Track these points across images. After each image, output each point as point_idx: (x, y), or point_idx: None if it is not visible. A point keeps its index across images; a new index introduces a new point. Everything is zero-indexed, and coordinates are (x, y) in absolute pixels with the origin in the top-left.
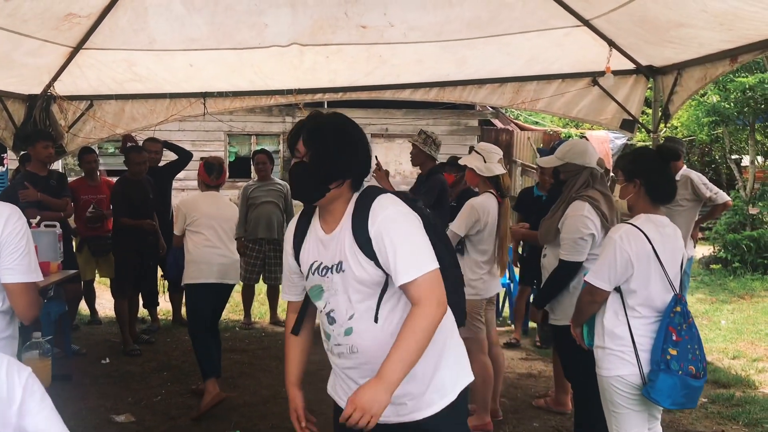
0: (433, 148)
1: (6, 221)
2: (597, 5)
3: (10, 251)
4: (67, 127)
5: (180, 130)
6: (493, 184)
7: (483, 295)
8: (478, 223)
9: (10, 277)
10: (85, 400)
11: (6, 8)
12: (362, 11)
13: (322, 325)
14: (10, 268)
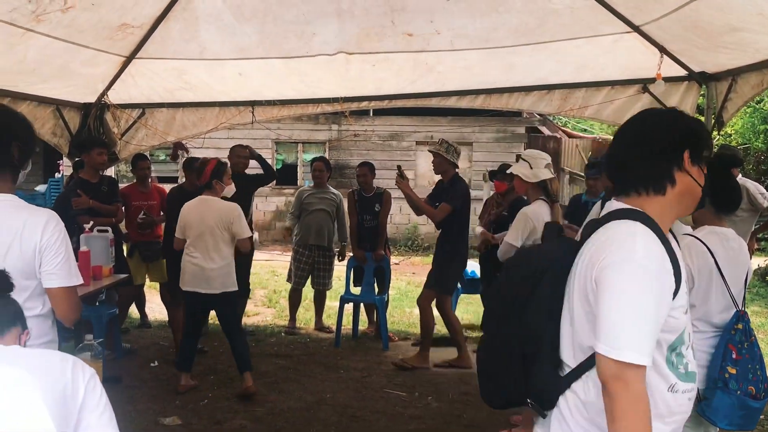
0: (455, 156)
1: (45, 227)
2: (647, 11)
3: (51, 257)
4: (119, 135)
5: (228, 138)
6: (542, 190)
7: None
8: (534, 232)
9: (52, 282)
10: (134, 402)
11: (64, 20)
12: (409, 19)
13: (671, 369)
14: (52, 273)
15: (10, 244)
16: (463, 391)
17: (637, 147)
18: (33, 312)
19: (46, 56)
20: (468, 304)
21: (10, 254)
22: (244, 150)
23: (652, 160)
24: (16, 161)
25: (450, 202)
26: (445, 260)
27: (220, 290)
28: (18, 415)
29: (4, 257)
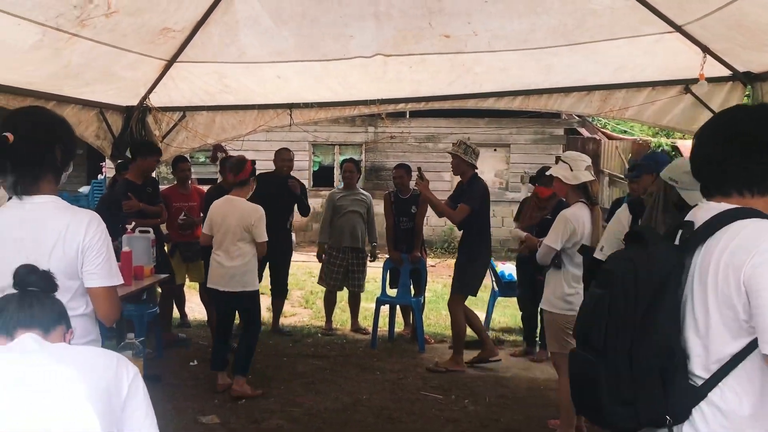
0: (473, 156)
1: (87, 228)
2: (690, 10)
3: (93, 257)
4: (161, 137)
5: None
6: (582, 193)
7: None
8: (575, 235)
9: (93, 282)
10: (173, 400)
11: (108, 24)
12: (446, 21)
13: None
14: (93, 272)
15: (53, 245)
16: (500, 394)
17: (736, 145)
18: (77, 311)
19: (90, 60)
20: (505, 307)
21: (54, 255)
22: (288, 153)
23: (757, 159)
24: (59, 163)
25: (468, 203)
26: (466, 261)
27: (238, 289)
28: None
29: (48, 258)
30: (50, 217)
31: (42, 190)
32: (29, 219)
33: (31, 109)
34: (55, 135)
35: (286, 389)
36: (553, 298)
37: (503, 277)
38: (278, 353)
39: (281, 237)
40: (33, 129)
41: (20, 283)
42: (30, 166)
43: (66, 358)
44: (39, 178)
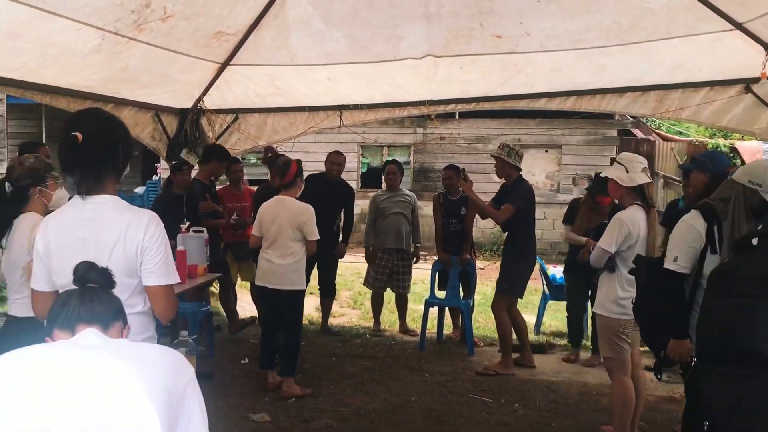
0: (517, 159)
1: (146, 227)
2: (751, 7)
3: (151, 256)
4: (214, 139)
5: (316, 142)
6: (638, 195)
7: (632, 316)
8: (630, 238)
9: (151, 280)
10: (225, 397)
11: (164, 28)
12: (497, 21)
13: None
14: (152, 271)
15: (114, 244)
16: (551, 399)
17: None
18: (135, 309)
19: (147, 64)
20: (556, 311)
21: (114, 253)
22: (339, 157)
23: None
24: (121, 164)
25: (513, 204)
26: (512, 263)
27: (287, 287)
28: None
29: (109, 256)
30: (111, 217)
31: (104, 190)
32: (91, 218)
33: (93, 111)
34: (117, 136)
35: (335, 389)
36: (607, 301)
37: (554, 281)
38: (327, 353)
39: (328, 238)
40: (98, 130)
41: (80, 279)
42: (94, 165)
43: (128, 354)
44: (102, 178)
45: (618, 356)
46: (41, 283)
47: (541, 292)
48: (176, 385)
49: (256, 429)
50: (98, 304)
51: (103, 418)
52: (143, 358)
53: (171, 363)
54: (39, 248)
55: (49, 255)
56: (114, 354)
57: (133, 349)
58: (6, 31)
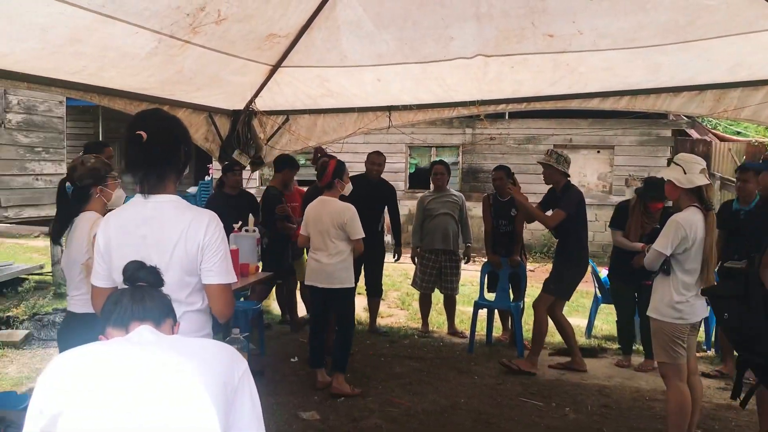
0: (565, 165)
1: (207, 226)
2: None
3: (211, 255)
4: (265, 140)
5: (365, 143)
6: (695, 197)
7: (688, 320)
8: (686, 241)
9: (211, 279)
10: (275, 395)
11: (218, 31)
12: (549, 20)
13: None
14: (211, 270)
15: (176, 243)
16: (603, 404)
17: None
18: (194, 306)
19: (201, 66)
20: (608, 314)
21: (176, 252)
22: (378, 157)
23: None
24: (182, 164)
25: (564, 209)
26: (564, 268)
27: (335, 285)
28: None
29: (170, 255)
30: (173, 216)
31: (165, 189)
32: (152, 217)
33: (156, 112)
34: (179, 136)
35: (383, 389)
36: (662, 305)
37: (606, 284)
38: (376, 353)
39: (372, 238)
40: (161, 130)
41: (130, 278)
42: (157, 164)
43: (183, 349)
44: (164, 177)
45: (674, 361)
46: (101, 279)
47: (593, 295)
48: (231, 378)
49: (305, 427)
50: (150, 302)
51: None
52: (198, 353)
53: (225, 357)
54: (100, 245)
55: (110, 252)
56: (170, 349)
57: (187, 344)
58: (69, 36)
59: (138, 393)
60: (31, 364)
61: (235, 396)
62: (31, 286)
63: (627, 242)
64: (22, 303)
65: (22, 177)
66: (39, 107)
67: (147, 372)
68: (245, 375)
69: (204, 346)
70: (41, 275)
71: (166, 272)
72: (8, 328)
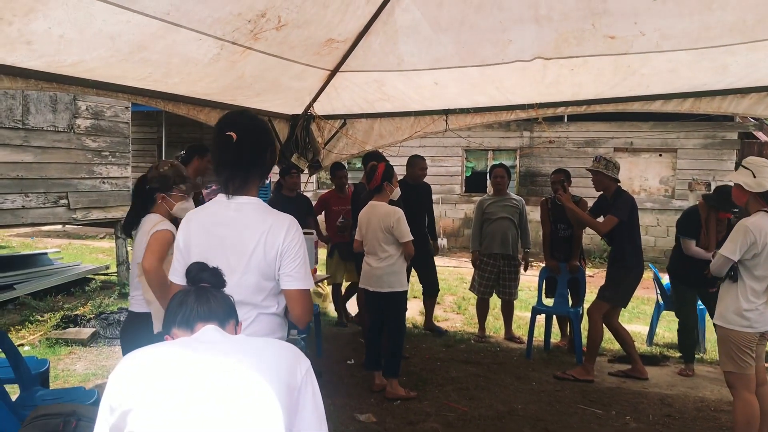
0: (615, 171)
1: (287, 231)
2: None
3: (291, 259)
4: (323, 144)
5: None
6: (765, 201)
7: (757, 328)
8: (755, 246)
9: (290, 284)
10: (332, 397)
11: (278, 37)
12: (610, 22)
13: None
14: (290, 275)
15: (255, 246)
16: (665, 413)
17: None
18: (269, 310)
19: (262, 72)
20: (670, 321)
21: (254, 255)
22: (422, 162)
23: None
24: (267, 167)
25: (617, 214)
26: (619, 274)
27: (386, 289)
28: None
29: (249, 258)
30: (254, 219)
31: (249, 191)
32: (233, 218)
33: (245, 113)
34: (266, 139)
35: (440, 393)
36: (729, 313)
37: (668, 290)
38: (432, 357)
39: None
40: (251, 131)
41: (194, 279)
42: (243, 166)
43: (250, 350)
44: (248, 179)
45: (742, 371)
46: (179, 276)
47: (654, 302)
48: (294, 378)
49: (362, 429)
50: (214, 303)
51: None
52: (263, 352)
53: (289, 356)
54: (180, 242)
55: (189, 249)
56: (236, 350)
57: (252, 344)
58: (137, 43)
59: (204, 392)
60: (97, 361)
61: (299, 395)
62: (97, 285)
63: (703, 252)
64: (88, 302)
65: (90, 180)
66: (106, 113)
67: (213, 371)
68: (308, 374)
69: (268, 346)
70: (107, 275)
71: (243, 275)
72: (76, 326)
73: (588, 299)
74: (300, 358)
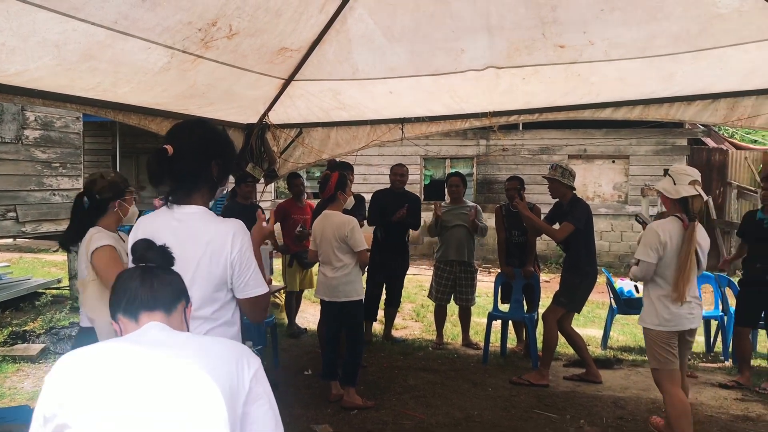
0: (570, 179)
1: (233, 238)
2: None
3: (244, 268)
4: (279, 153)
5: (379, 155)
6: (681, 207)
7: (672, 328)
8: (665, 248)
9: (246, 293)
10: (288, 407)
11: (229, 45)
12: (561, 31)
13: None
14: (246, 283)
15: (200, 258)
16: (618, 416)
17: None
18: (220, 321)
19: (214, 80)
20: (623, 325)
21: (200, 267)
22: (401, 168)
23: None
24: (215, 179)
25: (573, 222)
26: (574, 279)
27: (342, 299)
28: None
29: (195, 269)
30: (196, 229)
31: (193, 202)
32: (176, 228)
33: (191, 124)
34: (212, 151)
35: (397, 401)
36: (647, 315)
37: (622, 294)
38: (390, 365)
39: (399, 251)
40: (193, 144)
41: (139, 258)
42: (184, 179)
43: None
44: (193, 191)
45: (664, 367)
46: None
47: (608, 306)
48: (242, 378)
49: None
50: (159, 287)
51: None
52: (209, 352)
53: (234, 358)
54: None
55: None
56: (180, 351)
57: (199, 344)
58: (82, 52)
59: (144, 397)
60: None
61: (248, 397)
62: (48, 300)
63: None
64: (39, 317)
65: (40, 192)
66: (56, 123)
67: (153, 375)
68: (256, 377)
69: (214, 345)
70: (59, 289)
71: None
72: (25, 342)
73: (543, 304)
74: (249, 356)
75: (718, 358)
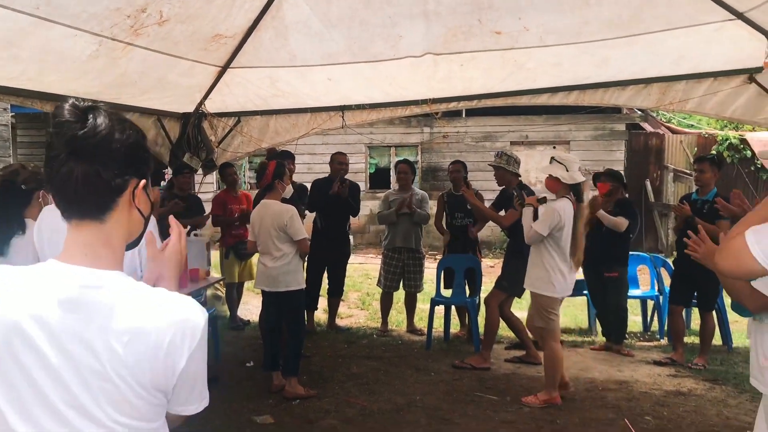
0: (516, 166)
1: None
2: None
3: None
4: (217, 143)
5: (323, 144)
6: (572, 190)
7: (561, 294)
8: (560, 224)
9: None
10: (229, 401)
11: (160, 32)
12: (496, 17)
13: None
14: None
15: None
16: None
17: None
18: None
19: (146, 69)
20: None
21: None
22: (343, 157)
23: None
24: None
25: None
26: (517, 265)
27: (282, 288)
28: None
29: None
30: None
31: None
32: None
33: None
34: None
35: (340, 390)
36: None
37: None
38: (333, 354)
39: (340, 239)
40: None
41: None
42: None
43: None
44: None
45: (548, 326)
46: None
47: None
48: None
49: (259, 431)
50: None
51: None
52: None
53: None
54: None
55: (44, 251)
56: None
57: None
58: (3, 39)
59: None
60: None
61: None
62: None
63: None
64: None
65: None
66: None
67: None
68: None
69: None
70: None
71: None
72: None
73: (485, 288)
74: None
75: (654, 336)
